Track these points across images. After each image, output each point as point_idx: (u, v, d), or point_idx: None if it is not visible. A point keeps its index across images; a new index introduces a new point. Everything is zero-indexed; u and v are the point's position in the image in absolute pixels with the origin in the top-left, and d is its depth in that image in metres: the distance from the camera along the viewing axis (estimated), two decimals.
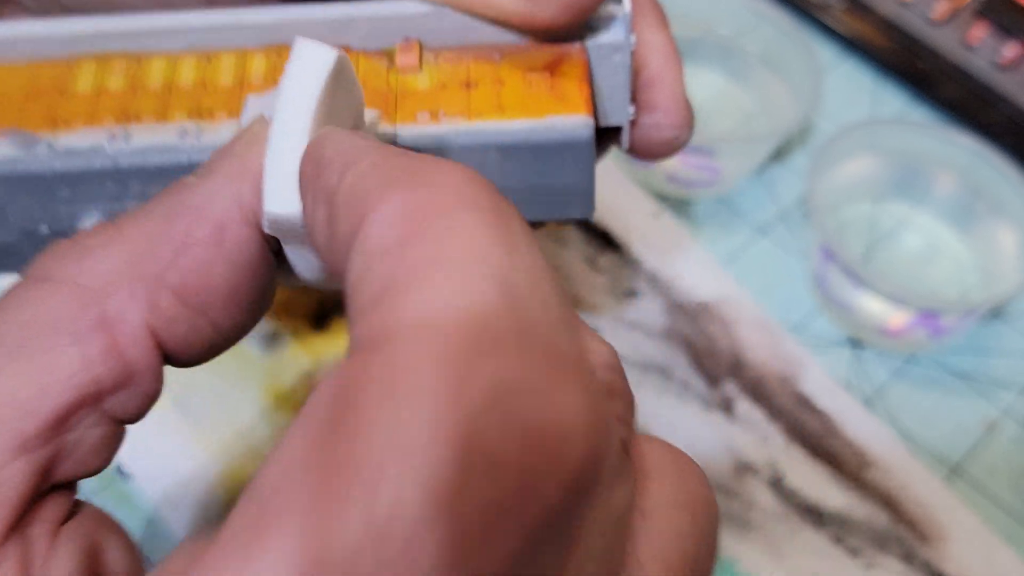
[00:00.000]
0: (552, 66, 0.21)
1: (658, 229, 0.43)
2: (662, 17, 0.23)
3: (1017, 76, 0.46)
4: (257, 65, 0.21)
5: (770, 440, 0.37)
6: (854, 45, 0.49)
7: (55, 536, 0.14)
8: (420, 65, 0.21)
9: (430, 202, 0.12)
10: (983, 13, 0.47)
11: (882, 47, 0.48)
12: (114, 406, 0.15)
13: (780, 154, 0.46)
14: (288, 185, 0.15)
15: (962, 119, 0.46)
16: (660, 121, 0.22)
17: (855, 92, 0.48)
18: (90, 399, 0.15)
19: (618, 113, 0.22)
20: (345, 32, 0.21)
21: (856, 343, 0.40)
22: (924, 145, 0.42)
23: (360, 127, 0.18)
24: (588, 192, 0.21)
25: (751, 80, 0.47)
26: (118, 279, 0.15)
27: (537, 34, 0.21)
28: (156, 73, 0.21)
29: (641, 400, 0.38)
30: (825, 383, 0.39)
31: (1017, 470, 0.37)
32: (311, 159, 0.14)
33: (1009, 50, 0.46)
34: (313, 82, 0.15)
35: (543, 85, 0.20)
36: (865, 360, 0.40)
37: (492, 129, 0.20)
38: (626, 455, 0.13)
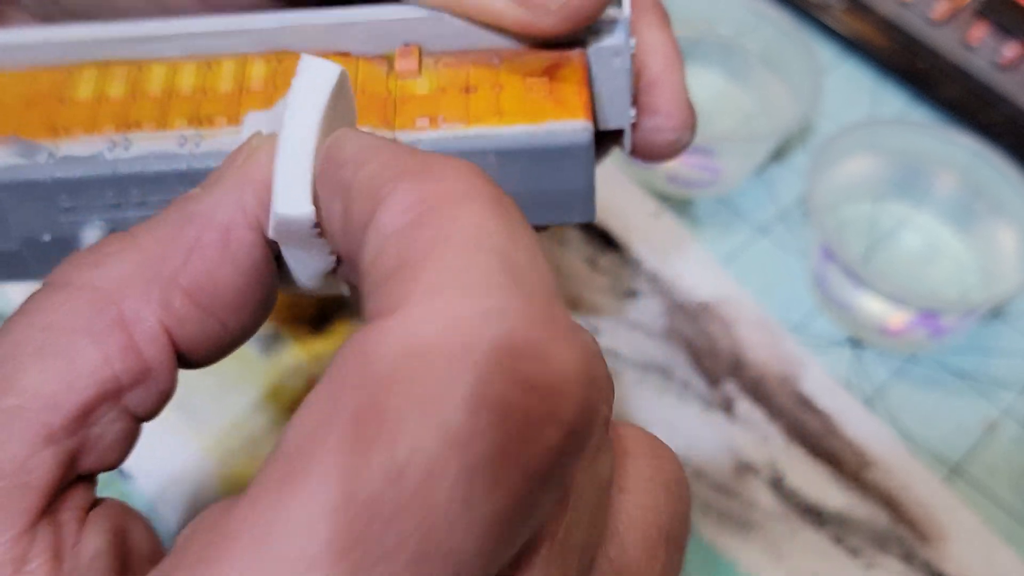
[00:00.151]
0: (551, 71, 0.21)
1: (658, 229, 0.43)
2: (663, 17, 0.23)
3: (1017, 76, 0.46)
4: (257, 71, 0.21)
5: (770, 440, 0.37)
6: (854, 45, 0.49)
7: (83, 521, 0.15)
8: (419, 70, 0.21)
9: (438, 191, 0.13)
10: (983, 13, 0.47)
11: (882, 47, 0.48)
12: (132, 402, 0.16)
13: (780, 154, 0.46)
14: (297, 188, 0.16)
15: (962, 119, 0.46)
16: (662, 124, 0.22)
17: (855, 92, 0.48)
18: (111, 394, 0.16)
19: (619, 117, 0.22)
20: (344, 37, 0.21)
21: (856, 343, 0.40)
22: (924, 145, 0.42)
23: None
24: (588, 196, 0.21)
25: (751, 80, 0.47)
26: (133, 282, 0.16)
27: (537, 40, 0.21)
28: (156, 80, 0.21)
29: (641, 400, 0.38)
30: (825, 383, 0.39)
31: (1017, 470, 0.37)
32: (329, 157, 0.16)
33: (1009, 50, 0.46)
34: (319, 95, 0.16)
35: (542, 90, 0.20)
36: (865, 360, 0.40)
37: (491, 134, 0.20)
38: (607, 430, 0.14)
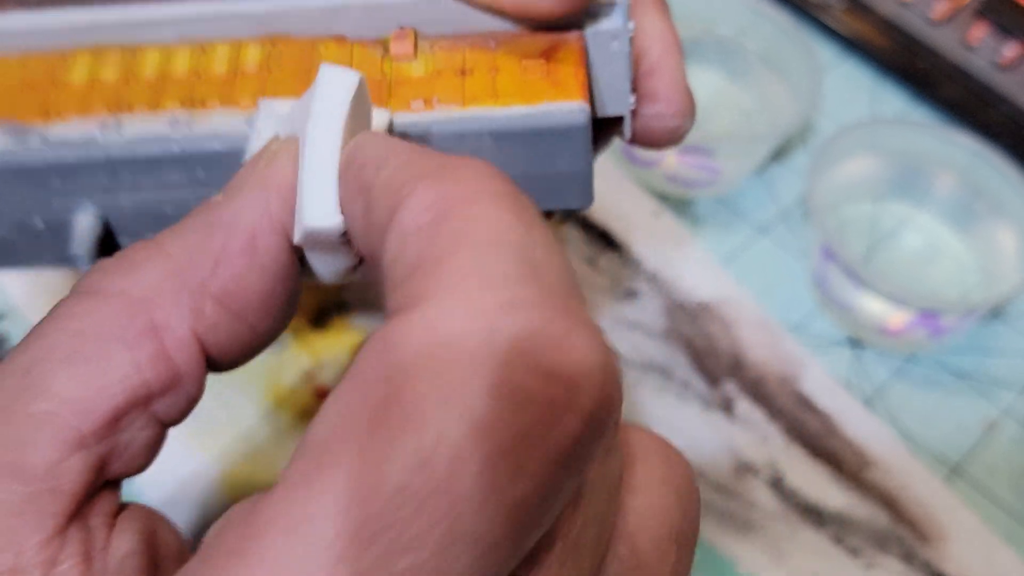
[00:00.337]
0: (548, 53, 0.20)
1: (658, 229, 0.43)
2: (662, 4, 0.23)
3: (1017, 76, 0.46)
4: (252, 55, 0.21)
5: (770, 440, 0.37)
6: (854, 45, 0.49)
7: (111, 526, 0.16)
8: (415, 53, 0.21)
9: (457, 190, 0.14)
10: (983, 13, 0.47)
11: (882, 47, 0.48)
12: (161, 409, 0.16)
13: (780, 154, 0.46)
14: (325, 200, 0.16)
15: (962, 119, 0.46)
16: (662, 111, 0.22)
17: (855, 92, 0.48)
18: (141, 401, 0.16)
19: (618, 102, 0.22)
20: (339, 20, 0.21)
21: (856, 343, 0.40)
22: (924, 145, 0.42)
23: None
24: (586, 181, 0.21)
25: (751, 80, 0.47)
26: (164, 290, 0.16)
27: (534, 23, 0.21)
28: (150, 64, 0.21)
29: (641, 400, 0.38)
30: (825, 383, 0.39)
31: (1017, 470, 0.37)
32: (350, 159, 0.16)
33: (1009, 50, 0.46)
34: (340, 104, 0.16)
35: (539, 72, 0.20)
36: (865, 360, 0.40)
37: (486, 116, 0.20)
38: (617, 430, 0.14)
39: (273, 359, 0.37)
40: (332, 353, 0.38)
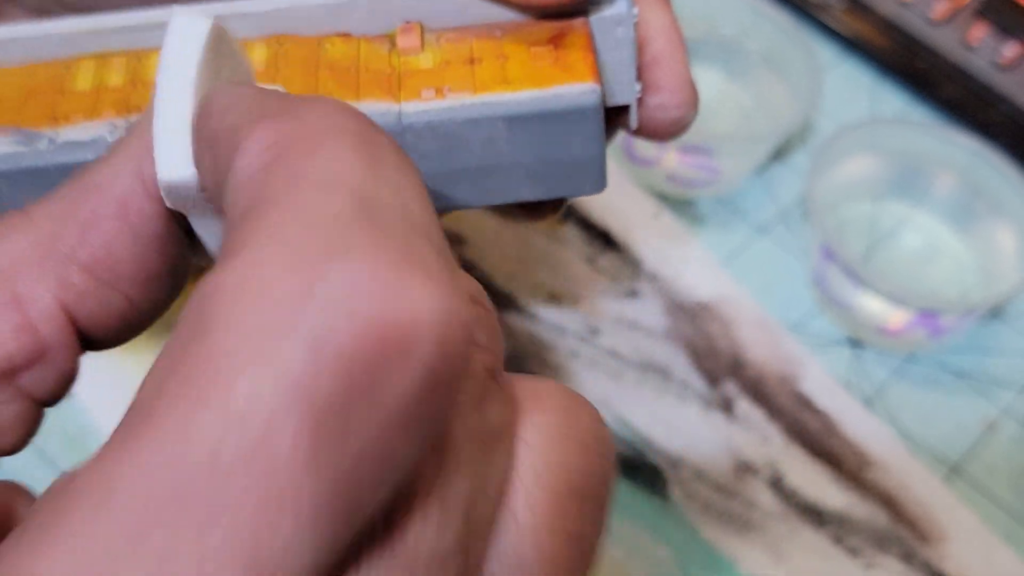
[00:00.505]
0: (556, 39, 0.21)
1: (658, 229, 0.43)
2: None
3: (1017, 76, 0.46)
4: (259, 54, 0.21)
5: (770, 440, 0.37)
6: (854, 45, 0.49)
7: None
8: (422, 46, 0.21)
9: (296, 130, 0.13)
10: (983, 13, 0.47)
11: (882, 47, 0.48)
12: (29, 383, 0.16)
13: (780, 153, 0.46)
14: (177, 152, 0.15)
15: (962, 119, 0.46)
16: (665, 101, 0.22)
17: (855, 92, 0.48)
18: (4, 374, 0.15)
19: (624, 91, 0.22)
20: (345, 17, 0.21)
21: (856, 343, 0.40)
22: (924, 145, 0.42)
23: None
24: (599, 164, 0.21)
25: (751, 79, 0.47)
26: (28, 259, 0.16)
27: (539, 12, 0.21)
28: (155, 68, 0.21)
29: (641, 400, 0.38)
30: (825, 383, 0.39)
31: (1017, 469, 0.37)
32: (200, 112, 0.15)
33: (1009, 50, 0.46)
34: (191, 51, 0.16)
35: (548, 57, 0.20)
36: (865, 360, 0.40)
37: (498, 101, 0.20)
38: (494, 380, 0.14)
39: None
40: None
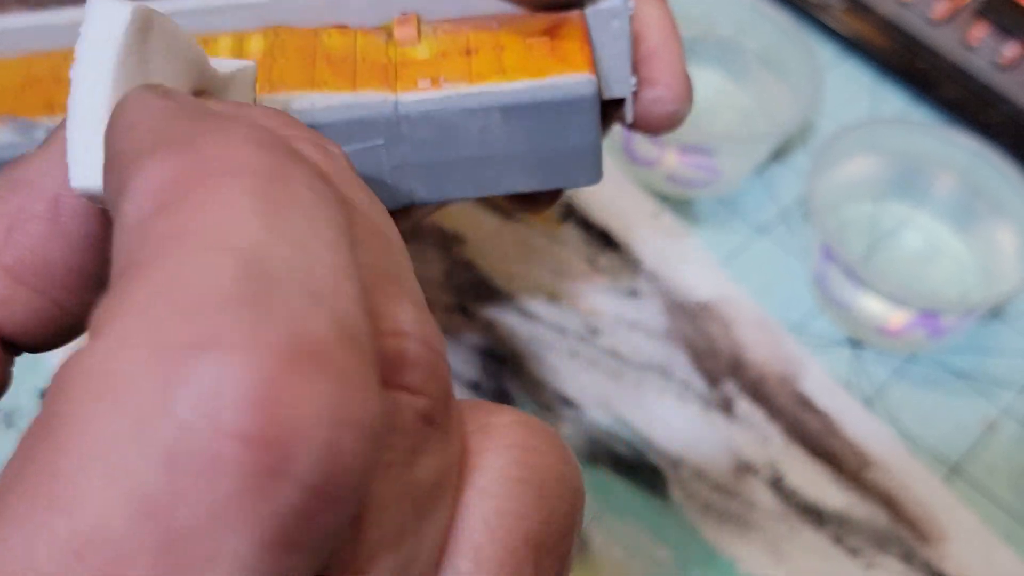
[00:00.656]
0: (552, 31, 0.21)
1: (658, 229, 0.43)
2: None
3: (1017, 76, 0.46)
4: (255, 45, 0.21)
5: (770, 440, 0.37)
6: (854, 45, 0.49)
7: None
8: (419, 37, 0.21)
9: (195, 167, 0.11)
10: (983, 13, 0.47)
11: (882, 47, 0.48)
12: None
13: (780, 154, 0.46)
14: (91, 157, 0.14)
15: (962, 119, 0.46)
16: (661, 95, 0.22)
17: (855, 92, 0.48)
18: None
19: (620, 83, 0.22)
20: (342, 9, 0.21)
21: (856, 343, 0.40)
22: (924, 145, 0.42)
23: (207, 82, 0.17)
24: (595, 156, 0.21)
25: (751, 80, 0.47)
26: None
27: (536, 4, 0.21)
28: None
29: (641, 400, 0.38)
30: (825, 383, 0.39)
31: (1017, 469, 0.37)
32: (112, 121, 0.13)
33: (1009, 50, 0.46)
34: (109, 41, 0.14)
35: (544, 48, 0.20)
36: (865, 360, 0.40)
37: (495, 91, 0.20)
38: (430, 426, 0.12)
39: None
40: None
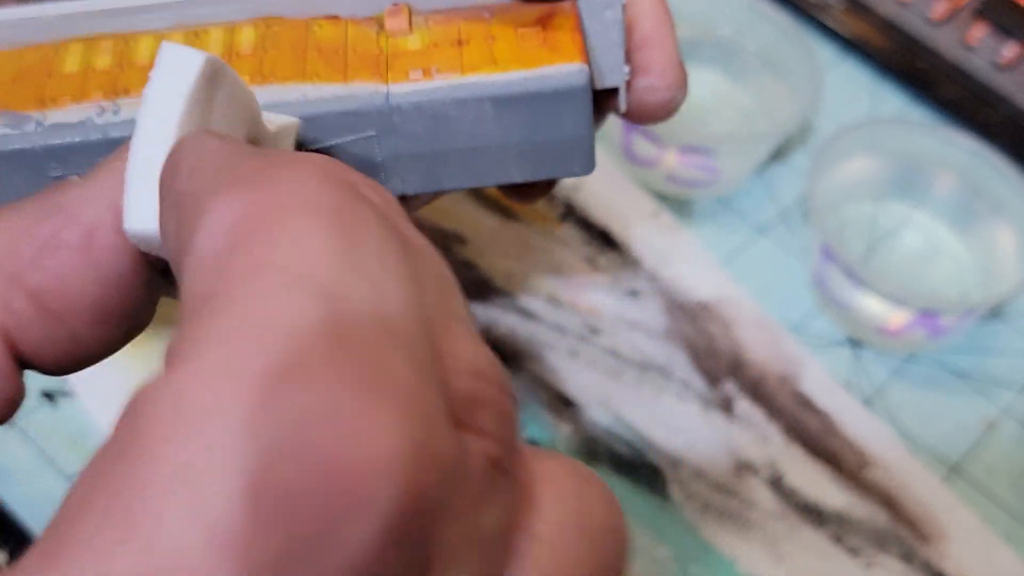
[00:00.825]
0: (544, 20, 0.21)
1: (658, 229, 0.43)
2: None
3: (1017, 76, 0.46)
4: (246, 36, 0.21)
5: (770, 439, 0.37)
6: (853, 45, 0.49)
7: None
8: (410, 28, 0.21)
9: (268, 204, 0.11)
10: (982, 13, 0.47)
11: (881, 47, 0.48)
12: None
13: (780, 154, 0.46)
14: (148, 200, 0.14)
15: (962, 119, 0.46)
16: (654, 83, 0.22)
17: (855, 92, 0.48)
18: None
19: (613, 73, 0.22)
20: (332, 0, 0.21)
21: (856, 343, 0.40)
22: (924, 145, 0.42)
23: (258, 134, 0.17)
24: (587, 145, 0.21)
25: (751, 80, 0.47)
26: None
27: None
28: (144, 50, 0.21)
29: (641, 400, 0.38)
30: (825, 383, 0.39)
31: (1017, 469, 0.37)
32: (169, 164, 0.13)
33: (1009, 50, 0.46)
34: (179, 88, 0.14)
35: (535, 38, 0.20)
36: (865, 360, 0.40)
37: (486, 82, 0.20)
38: (498, 471, 0.12)
39: None
40: None
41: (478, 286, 0.40)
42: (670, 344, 0.39)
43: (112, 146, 0.19)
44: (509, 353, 0.39)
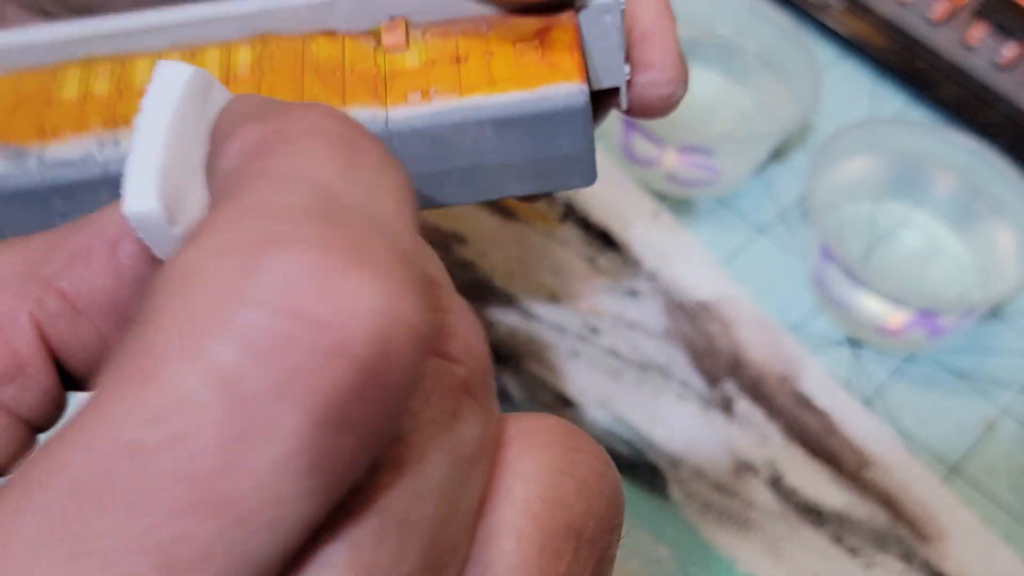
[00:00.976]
0: (542, 34, 0.20)
1: (658, 229, 0.43)
2: None
3: (1016, 76, 0.46)
4: (243, 57, 0.21)
5: (769, 439, 0.37)
6: (853, 45, 0.49)
7: None
8: (407, 43, 0.21)
9: (279, 129, 0.13)
10: (982, 13, 0.47)
11: (881, 47, 0.48)
12: (8, 397, 0.16)
13: (779, 154, 0.46)
14: (144, 184, 0.15)
15: (961, 119, 0.46)
16: (655, 78, 0.22)
17: (854, 92, 0.48)
18: None
19: (613, 75, 0.22)
20: (328, 15, 0.21)
21: (855, 342, 0.40)
22: (923, 145, 0.42)
23: None
24: (588, 160, 0.21)
25: (750, 80, 0.47)
26: (9, 278, 0.16)
27: (526, 5, 0.21)
28: (142, 74, 0.20)
29: (641, 400, 0.38)
30: (824, 382, 0.39)
31: (1016, 469, 0.37)
32: (219, 118, 0.15)
33: (1008, 50, 0.46)
34: (171, 94, 0.15)
35: (534, 54, 0.20)
36: (864, 359, 0.40)
37: (485, 104, 0.20)
38: (468, 395, 0.13)
39: None
40: None
41: (478, 286, 0.40)
42: (670, 344, 0.40)
43: (113, 182, 0.19)
44: (509, 353, 0.39)
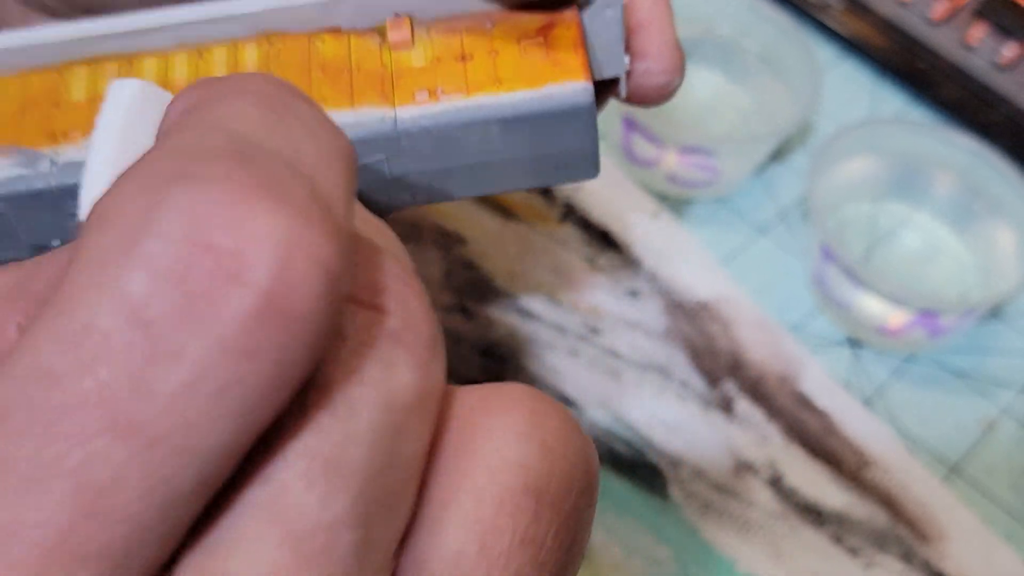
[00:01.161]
0: (545, 31, 0.21)
1: (658, 229, 0.43)
2: None
3: (1016, 76, 0.46)
4: (249, 55, 0.21)
5: (769, 439, 0.37)
6: (853, 45, 0.49)
7: None
8: (413, 40, 0.21)
9: (212, 91, 0.13)
10: (982, 13, 0.47)
11: (881, 47, 0.48)
12: None
13: (779, 154, 0.46)
14: (96, 189, 0.15)
15: (961, 119, 0.46)
16: (652, 67, 0.22)
17: (854, 92, 0.48)
18: None
19: (613, 65, 0.22)
20: (333, 12, 0.21)
21: (855, 343, 0.40)
22: (923, 145, 0.42)
23: None
24: (592, 155, 0.21)
25: (750, 80, 0.47)
26: (2, 293, 0.16)
27: (527, 4, 0.21)
28: (148, 73, 0.21)
29: (641, 399, 0.38)
30: (824, 382, 0.39)
31: (1016, 469, 0.37)
32: (167, 111, 0.16)
33: (1008, 50, 0.46)
34: (119, 109, 0.16)
35: (538, 52, 0.20)
36: (864, 360, 0.40)
37: (491, 103, 0.20)
38: (401, 346, 0.13)
39: None
40: None
41: (478, 286, 0.40)
42: (670, 344, 0.40)
43: None
44: (509, 353, 0.39)
